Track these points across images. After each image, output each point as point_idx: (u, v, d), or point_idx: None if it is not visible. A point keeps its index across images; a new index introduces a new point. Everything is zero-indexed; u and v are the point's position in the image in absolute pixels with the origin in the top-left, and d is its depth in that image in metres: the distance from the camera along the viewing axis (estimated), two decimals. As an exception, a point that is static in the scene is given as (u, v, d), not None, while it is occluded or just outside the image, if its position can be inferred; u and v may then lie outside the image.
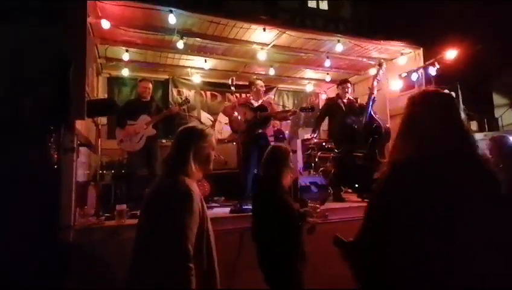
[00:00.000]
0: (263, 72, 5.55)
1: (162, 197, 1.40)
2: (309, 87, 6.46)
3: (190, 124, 1.65)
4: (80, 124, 2.83)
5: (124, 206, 2.77)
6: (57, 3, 3.07)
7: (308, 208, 2.08)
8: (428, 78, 4.66)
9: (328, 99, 4.59)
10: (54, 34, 2.88)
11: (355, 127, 4.00)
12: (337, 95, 4.32)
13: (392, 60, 5.10)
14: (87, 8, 2.95)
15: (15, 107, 2.61)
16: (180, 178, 1.40)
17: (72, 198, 2.49)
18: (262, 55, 4.61)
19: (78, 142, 2.74)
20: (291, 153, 2.22)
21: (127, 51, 4.45)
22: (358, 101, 4.26)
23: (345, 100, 4.20)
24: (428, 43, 4.91)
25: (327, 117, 4.38)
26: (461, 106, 7.22)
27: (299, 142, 6.19)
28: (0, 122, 2.71)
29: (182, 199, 1.34)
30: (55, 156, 3.00)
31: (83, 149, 3.13)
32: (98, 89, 4.96)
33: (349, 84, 4.27)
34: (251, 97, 3.96)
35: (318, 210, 2.05)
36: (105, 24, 3.51)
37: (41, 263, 2.41)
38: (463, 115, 1.10)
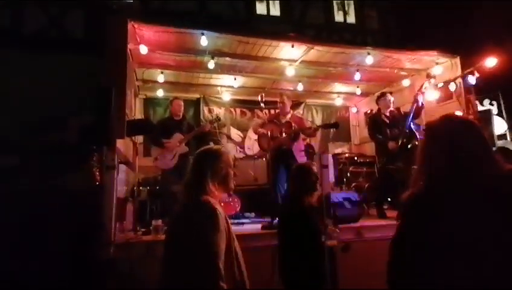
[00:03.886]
0: (291, 88, 5.59)
1: (187, 218, 1.40)
2: (338, 101, 6.37)
3: (205, 147, 1.65)
4: (119, 143, 3.00)
5: (160, 222, 2.87)
6: (100, 33, 3.36)
7: (328, 230, 2.06)
8: (467, 88, 4.42)
9: (372, 115, 4.43)
10: (97, 61, 3.15)
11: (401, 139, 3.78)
12: (379, 110, 4.15)
13: (426, 70, 4.92)
14: (128, 35, 3.20)
15: (63, 130, 2.84)
16: (203, 198, 1.41)
17: (112, 214, 2.61)
18: (290, 71, 4.65)
19: (119, 160, 2.90)
20: (315, 170, 2.19)
21: (162, 72, 4.72)
22: (401, 110, 4.06)
23: (387, 113, 4.03)
24: (466, 50, 4.67)
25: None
26: (504, 115, 6.74)
27: (330, 157, 6.08)
28: (50, 143, 2.97)
29: (207, 217, 1.35)
30: (97, 173, 3.20)
31: (121, 166, 3.31)
32: (135, 110, 5.26)
33: (388, 96, 4.10)
34: (280, 112, 4.00)
35: (335, 234, 2.03)
36: (143, 49, 3.76)
37: (81, 279, 2.53)
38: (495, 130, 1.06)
